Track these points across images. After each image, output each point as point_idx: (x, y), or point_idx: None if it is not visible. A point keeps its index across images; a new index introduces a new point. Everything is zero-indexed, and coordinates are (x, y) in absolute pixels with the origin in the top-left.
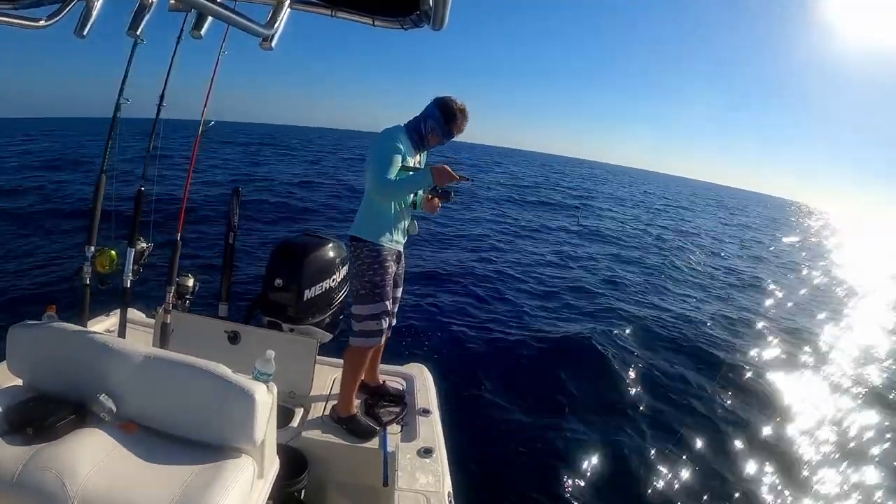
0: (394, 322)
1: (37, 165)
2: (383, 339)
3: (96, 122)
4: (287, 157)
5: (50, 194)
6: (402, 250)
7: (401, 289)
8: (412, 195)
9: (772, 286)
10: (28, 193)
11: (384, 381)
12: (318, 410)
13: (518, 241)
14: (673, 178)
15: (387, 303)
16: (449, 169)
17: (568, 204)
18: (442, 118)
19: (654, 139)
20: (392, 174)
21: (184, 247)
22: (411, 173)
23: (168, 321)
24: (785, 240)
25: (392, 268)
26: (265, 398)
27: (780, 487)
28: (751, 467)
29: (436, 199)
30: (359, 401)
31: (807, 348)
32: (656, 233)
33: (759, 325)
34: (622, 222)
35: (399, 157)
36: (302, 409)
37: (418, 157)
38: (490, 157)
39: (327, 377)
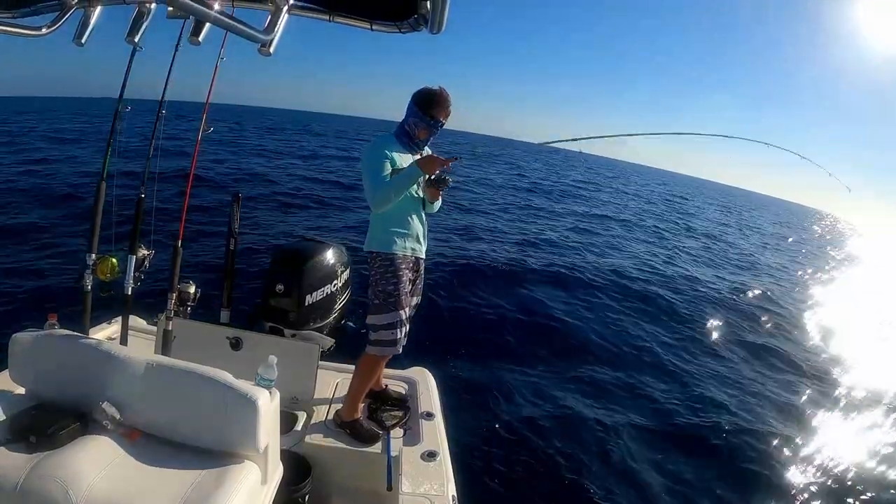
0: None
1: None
2: (399, 348)
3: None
4: None
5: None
6: (420, 258)
7: (417, 297)
8: (416, 192)
9: None
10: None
11: (386, 386)
12: (321, 415)
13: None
14: (688, 178)
15: (401, 312)
16: (434, 156)
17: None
18: (419, 109)
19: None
20: (386, 175)
21: (185, 253)
22: (403, 173)
23: (170, 328)
24: None
25: (407, 276)
26: (268, 404)
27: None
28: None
29: (434, 189)
30: (362, 405)
31: None
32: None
33: None
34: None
35: (388, 163)
36: (305, 415)
37: (419, 155)
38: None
39: (330, 382)
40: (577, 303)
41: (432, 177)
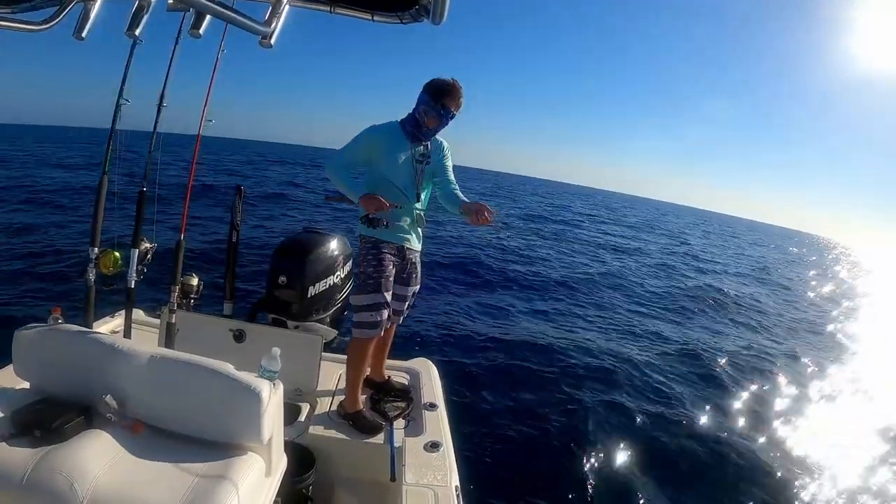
0: (399, 321)
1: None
2: (381, 332)
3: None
4: None
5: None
6: (408, 246)
7: (413, 287)
8: (402, 188)
9: None
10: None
11: (389, 377)
12: (324, 406)
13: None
14: (679, 207)
15: (381, 294)
16: (381, 199)
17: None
18: (430, 98)
19: (654, 165)
20: (351, 159)
21: (187, 246)
22: (355, 178)
23: (173, 321)
24: None
25: (390, 260)
26: (271, 395)
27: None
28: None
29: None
30: (364, 396)
31: None
32: None
33: None
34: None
35: (363, 151)
36: (308, 406)
37: (423, 146)
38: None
39: (333, 373)
40: (584, 303)
41: (369, 215)
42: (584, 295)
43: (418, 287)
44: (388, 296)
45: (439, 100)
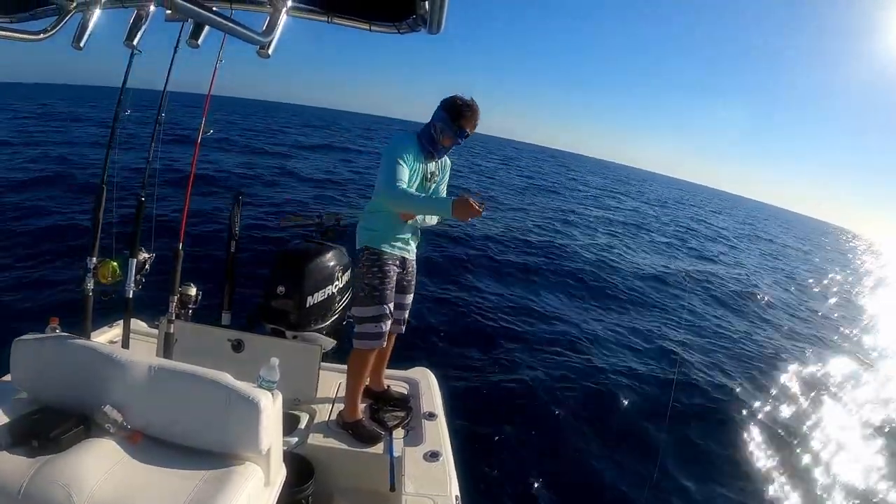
0: (402, 330)
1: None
2: (384, 342)
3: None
4: None
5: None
6: (407, 257)
7: (410, 296)
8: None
9: None
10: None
11: (388, 386)
12: (323, 416)
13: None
14: (698, 186)
15: (385, 306)
16: (472, 201)
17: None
18: (448, 117)
19: (674, 143)
20: (401, 180)
21: (185, 256)
22: (433, 196)
23: (171, 331)
24: None
25: (393, 272)
26: (270, 406)
27: None
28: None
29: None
30: (364, 406)
31: None
32: None
33: None
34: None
35: (405, 167)
36: (307, 416)
37: (434, 163)
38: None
39: (332, 383)
40: (584, 305)
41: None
42: (604, 293)
43: (413, 294)
44: (392, 306)
45: (457, 120)
